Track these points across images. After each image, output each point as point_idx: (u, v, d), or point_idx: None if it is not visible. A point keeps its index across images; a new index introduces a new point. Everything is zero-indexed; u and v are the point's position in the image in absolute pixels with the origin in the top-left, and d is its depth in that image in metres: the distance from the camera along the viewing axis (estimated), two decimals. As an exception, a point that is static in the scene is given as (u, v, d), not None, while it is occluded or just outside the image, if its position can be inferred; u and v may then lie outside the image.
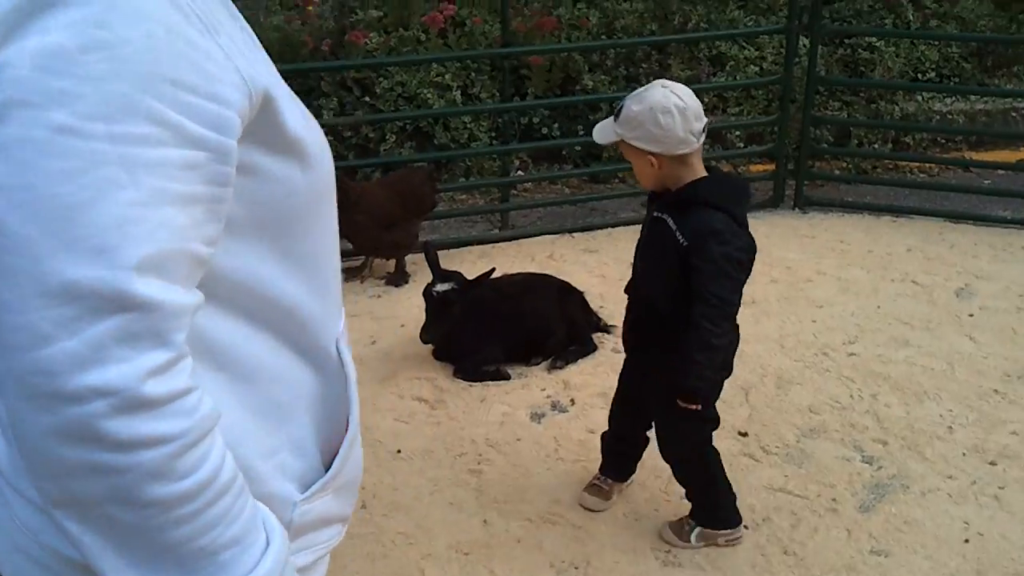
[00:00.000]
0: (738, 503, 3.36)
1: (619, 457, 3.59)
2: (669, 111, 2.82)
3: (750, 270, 2.99)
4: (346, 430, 1.35)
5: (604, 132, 3.06)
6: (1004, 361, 4.49)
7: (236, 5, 1.15)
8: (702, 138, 2.91)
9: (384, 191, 5.37)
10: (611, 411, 3.57)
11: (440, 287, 4.22)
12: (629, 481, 3.64)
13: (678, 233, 2.91)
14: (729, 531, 3.34)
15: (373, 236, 5.27)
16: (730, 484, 3.33)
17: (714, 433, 3.27)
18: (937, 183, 6.92)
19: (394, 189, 5.41)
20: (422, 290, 4.31)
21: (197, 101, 0.97)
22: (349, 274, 5.45)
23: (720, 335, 2.90)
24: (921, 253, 5.71)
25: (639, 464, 3.60)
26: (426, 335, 4.26)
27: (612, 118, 3.01)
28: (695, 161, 2.94)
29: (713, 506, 3.32)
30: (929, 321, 4.88)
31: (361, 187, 5.39)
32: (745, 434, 3.95)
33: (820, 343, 4.66)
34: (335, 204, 1.31)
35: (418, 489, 3.66)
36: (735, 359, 3.18)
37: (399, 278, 5.37)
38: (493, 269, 4.38)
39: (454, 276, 4.30)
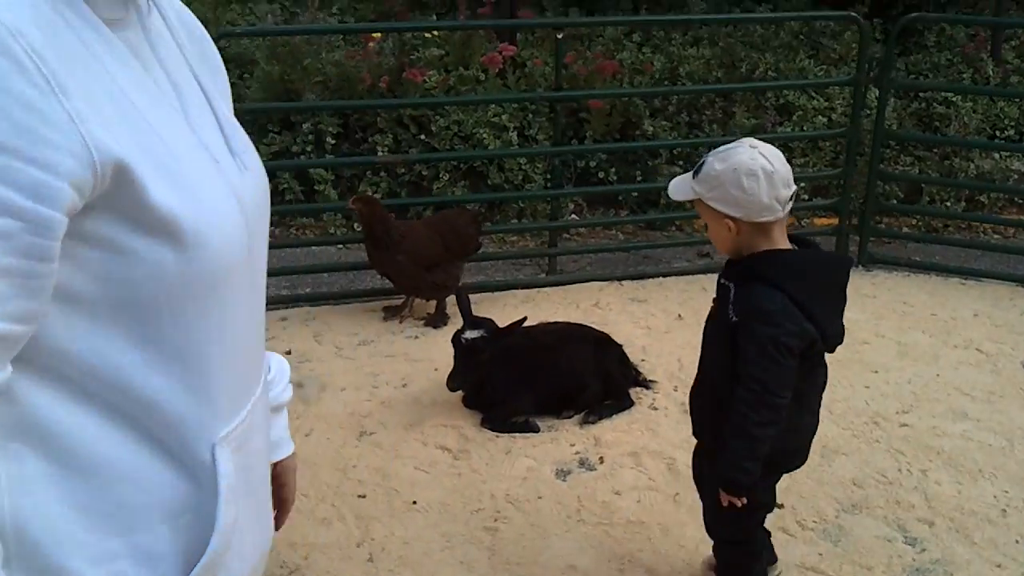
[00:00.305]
0: (765, 582, 3.15)
1: None
2: (755, 174, 2.58)
3: (814, 356, 2.72)
4: (211, 549, 1.16)
5: (680, 188, 2.79)
6: (1069, 441, 4.19)
7: (298, 41, 1.01)
8: (788, 207, 2.64)
9: (427, 231, 5.28)
10: None
11: (469, 334, 4.08)
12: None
13: (731, 307, 2.71)
14: None
15: (414, 276, 5.17)
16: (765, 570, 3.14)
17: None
18: (1011, 246, 6.59)
19: (437, 229, 5.31)
20: (451, 337, 4.17)
21: (14, 164, 0.86)
22: (389, 313, 5.35)
23: (760, 424, 2.65)
24: (989, 319, 5.41)
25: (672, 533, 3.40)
26: (452, 383, 4.12)
27: (691, 174, 2.76)
28: (777, 231, 2.67)
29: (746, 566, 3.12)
30: (991, 393, 4.59)
31: (405, 226, 5.30)
32: (781, 505, 3.71)
33: (871, 411, 4.40)
34: (245, 291, 1.17)
35: (429, 544, 3.50)
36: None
37: (438, 319, 5.25)
38: (525, 318, 4.23)
39: (485, 323, 4.16)
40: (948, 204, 7.13)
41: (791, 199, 2.64)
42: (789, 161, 2.72)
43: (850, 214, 6.19)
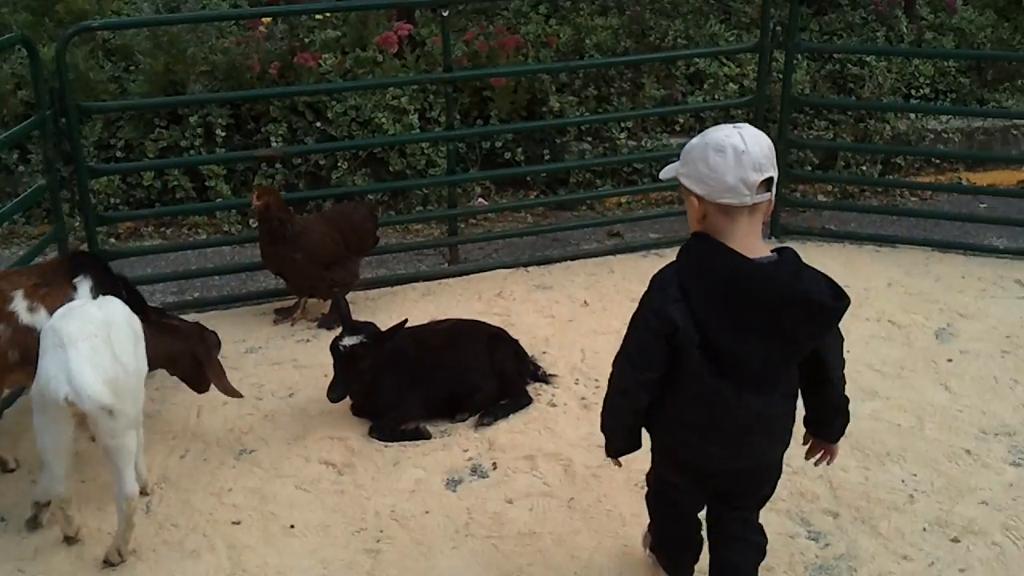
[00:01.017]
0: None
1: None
2: (723, 151, 2.40)
3: (686, 352, 2.51)
4: None
5: (668, 171, 2.63)
6: (980, 416, 4.04)
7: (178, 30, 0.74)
8: (760, 196, 2.43)
9: (325, 227, 5.00)
10: None
11: (348, 341, 3.83)
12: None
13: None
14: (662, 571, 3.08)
15: (312, 275, 4.90)
16: (681, 547, 3.00)
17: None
18: (925, 209, 6.46)
19: (335, 225, 5.04)
20: (329, 345, 3.91)
21: None
22: (280, 315, 5.08)
23: (614, 392, 2.69)
24: (903, 288, 5.27)
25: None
26: (333, 394, 3.87)
27: None
28: (744, 223, 2.45)
29: (657, 543, 3.12)
30: (903, 368, 4.44)
31: (302, 222, 5.01)
32: (681, 504, 3.53)
33: (778, 394, 4.22)
34: None
35: (305, 573, 3.26)
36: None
37: (333, 320, 4.98)
38: (405, 320, 3.99)
39: (365, 328, 3.91)
40: (863, 169, 6.98)
41: (763, 187, 2.42)
42: (700, 132, 2.50)
43: (761, 184, 6.00)
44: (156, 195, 6.45)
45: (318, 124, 6.55)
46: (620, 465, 2.87)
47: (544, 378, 4.37)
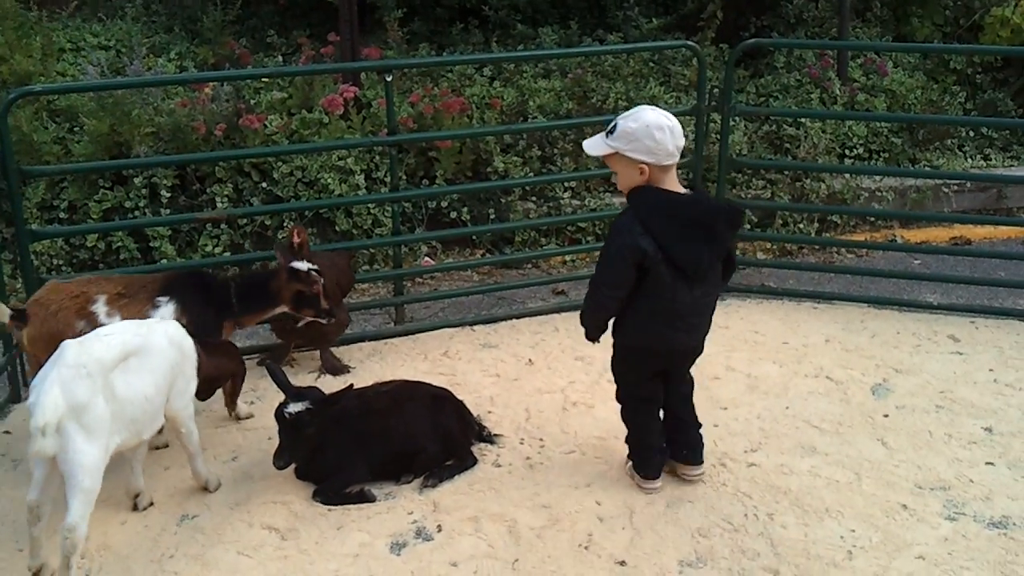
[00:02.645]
0: None
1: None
2: (662, 128, 3.49)
3: (653, 270, 3.56)
4: None
5: (595, 145, 3.65)
6: (916, 470, 4.13)
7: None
8: (678, 155, 3.57)
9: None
10: None
11: (293, 408, 3.81)
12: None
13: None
14: (642, 478, 3.97)
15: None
16: (655, 441, 3.96)
17: (594, 558, 3.57)
18: (862, 267, 6.62)
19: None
20: (274, 411, 3.90)
21: None
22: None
23: (588, 308, 3.75)
24: (840, 344, 5.38)
25: None
26: (279, 461, 3.84)
27: (604, 134, 3.62)
28: (672, 172, 3.61)
29: (635, 450, 4.03)
30: (840, 424, 4.53)
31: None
32: (623, 563, 3.56)
33: (720, 451, 4.28)
34: None
35: (247, 641, 3.23)
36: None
37: (340, 367, 5.13)
38: (351, 385, 4.00)
39: (309, 393, 3.90)
40: (801, 227, 7.15)
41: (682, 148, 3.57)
42: None
43: (702, 243, 6.12)
44: (100, 256, 6.41)
45: (264, 184, 6.58)
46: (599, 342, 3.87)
47: (489, 438, 4.39)
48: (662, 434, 4.00)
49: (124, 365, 3.45)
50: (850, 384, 4.92)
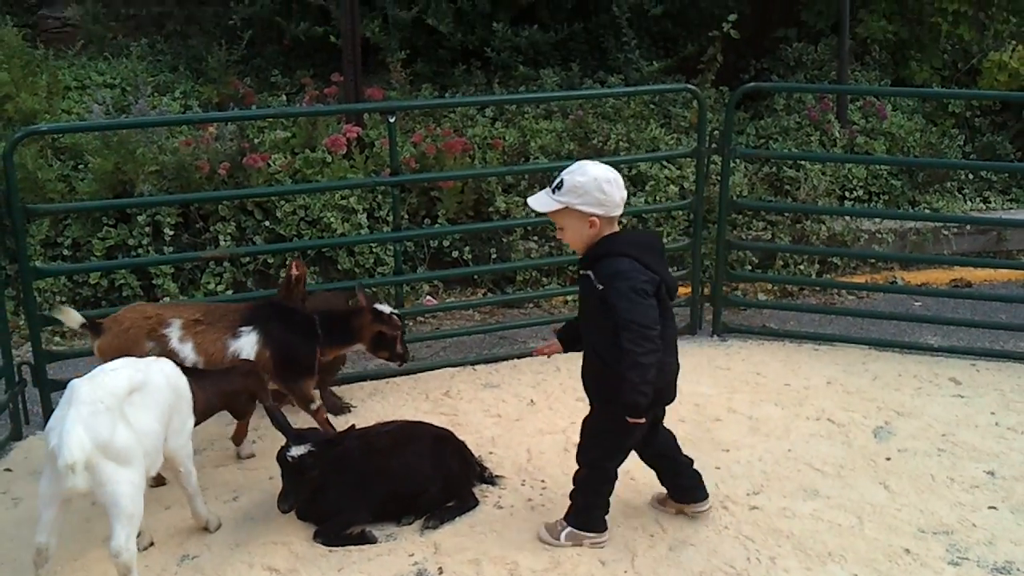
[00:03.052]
0: None
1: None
2: (610, 181, 3.57)
3: (663, 300, 3.61)
4: None
5: (543, 202, 3.69)
6: (919, 514, 4.11)
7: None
8: (623, 205, 3.64)
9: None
10: None
11: (295, 451, 3.80)
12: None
13: (596, 282, 3.57)
14: (596, 534, 3.89)
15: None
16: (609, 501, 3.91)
17: None
18: (862, 309, 6.63)
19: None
20: (276, 454, 3.89)
21: None
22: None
23: (645, 353, 3.44)
24: (841, 386, 5.38)
25: None
26: (284, 504, 3.83)
27: (548, 190, 3.69)
28: (616, 223, 3.68)
29: (583, 512, 3.89)
30: (842, 467, 4.52)
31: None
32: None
33: (722, 494, 4.27)
34: None
35: None
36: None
37: (343, 406, 5.15)
38: (353, 426, 4.00)
39: (311, 436, 3.90)
40: (802, 268, 7.17)
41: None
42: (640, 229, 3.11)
43: (702, 284, 6.15)
44: (103, 293, 6.43)
45: (267, 223, 6.61)
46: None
47: (491, 480, 4.38)
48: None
49: (129, 399, 3.47)
50: (852, 427, 4.91)
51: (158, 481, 4.31)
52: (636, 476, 4.39)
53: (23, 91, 7.37)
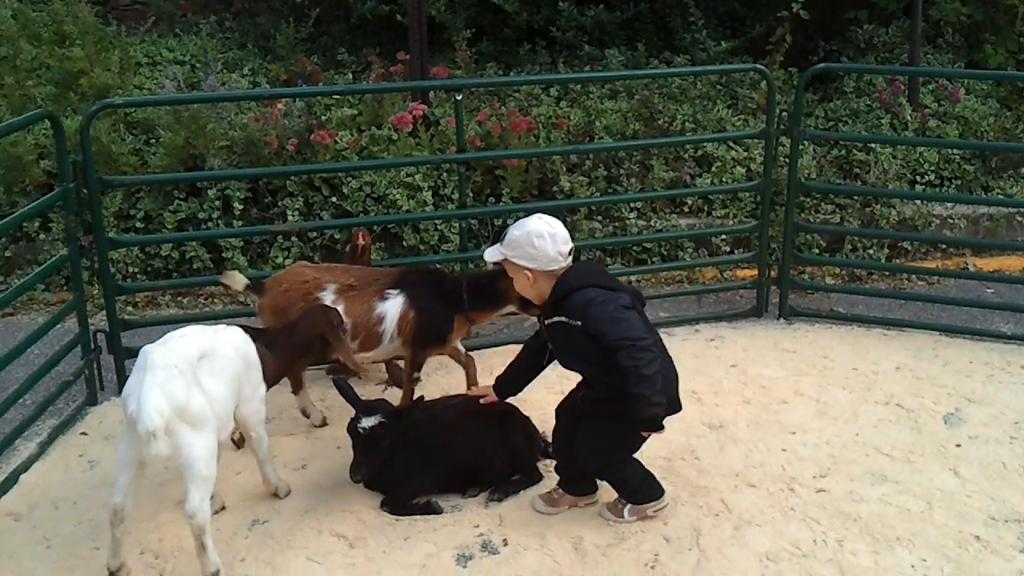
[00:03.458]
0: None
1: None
2: (542, 236, 3.63)
3: (640, 312, 3.65)
4: None
5: (492, 252, 3.79)
6: (990, 501, 4.05)
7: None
8: (569, 259, 3.69)
9: None
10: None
11: (366, 422, 3.85)
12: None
13: (571, 322, 3.58)
14: (655, 502, 3.89)
15: None
16: (642, 466, 3.89)
17: None
18: (933, 295, 6.50)
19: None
20: (346, 425, 3.93)
21: None
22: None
23: (648, 363, 3.42)
24: (911, 372, 5.30)
25: None
26: (356, 475, 3.88)
27: (499, 242, 3.75)
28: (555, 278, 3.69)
29: (631, 489, 3.88)
30: (911, 452, 4.46)
31: None
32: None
33: (788, 476, 4.24)
34: None
35: (316, 647, 3.27)
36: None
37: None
38: (422, 397, 4.03)
39: (379, 407, 3.94)
40: (871, 252, 7.06)
41: (570, 253, 3.70)
42: (709, 213, 3.48)
43: (769, 266, 6.08)
44: (174, 265, 6.55)
45: (334, 199, 6.68)
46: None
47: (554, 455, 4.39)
48: None
49: (200, 365, 3.54)
50: (922, 412, 4.84)
51: (239, 445, 4.40)
52: (701, 456, 4.40)
53: (96, 67, 7.50)
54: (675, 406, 3.74)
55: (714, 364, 5.35)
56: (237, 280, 4.52)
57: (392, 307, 4.47)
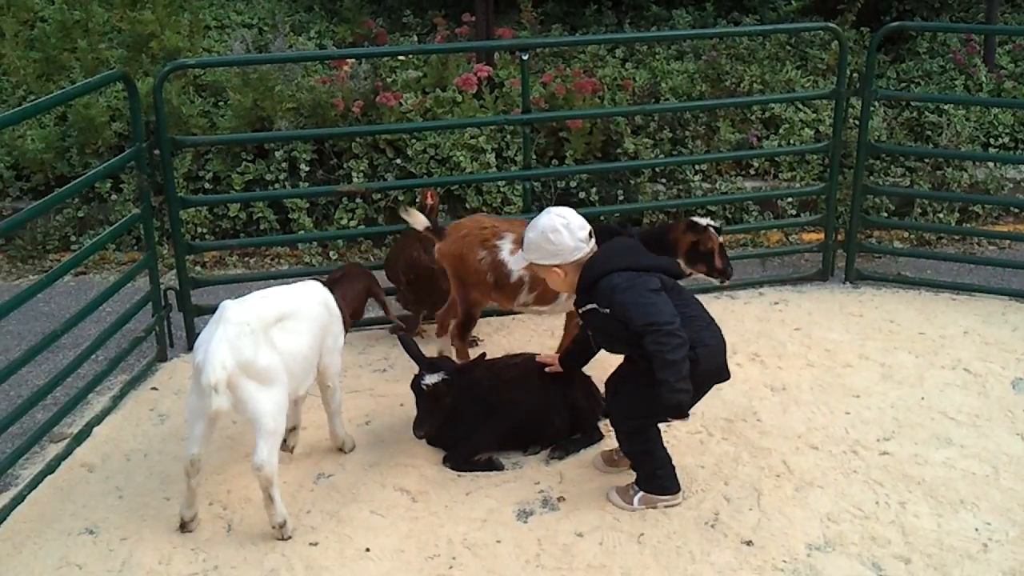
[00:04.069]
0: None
1: None
2: (557, 230, 3.57)
3: (671, 287, 3.60)
4: None
5: (516, 261, 3.86)
6: (1058, 467, 3.99)
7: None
8: (592, 242, 3.62)
9: None
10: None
11: (429, 379, 3.90)
12: None
13: (601, 309, 3.52)
14: (670, 496, 3.76)
15: (441, 287, 5.02)
16: (668, 456, 3.77)
17: (720, 536, 3.58)
18: (1004, 259, 6.36)
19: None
20: (410, 382, 3.99)
21: None
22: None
23: (673, 349, 3.35)
24: (979, 337, 5.21)
25: None
26: (419, 431, 3.94)
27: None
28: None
29: (652, 475, 3.75)
30: (977, 416, 4.40)
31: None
32: (750, 543, 3.55)
33: (851, 439, 4.22)
34: None
35: (379, 595, 3.34)
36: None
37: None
38: (484, 354, 4.07)
39: (443, 364, 3.99)
40: (941, 216, 6.93)
41: (591, 236, 3.62)
42: (775, 176, 3.37)
43: (836, 230, 6.00)
44: (241, 226, 6.67)
45: (398, 161, 6.73)
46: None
47: (615, 415, 4.41)
48: None
49: (280, 325, 3.62)
50: (989, 377, 4.76)
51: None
52: (763, 417, 4.39)
53: (167, 29, 7.63)
54: (723, 374, 3.67)
55: (778, 327, 5.31)
56: (418, 220, 4.60)
57: None
